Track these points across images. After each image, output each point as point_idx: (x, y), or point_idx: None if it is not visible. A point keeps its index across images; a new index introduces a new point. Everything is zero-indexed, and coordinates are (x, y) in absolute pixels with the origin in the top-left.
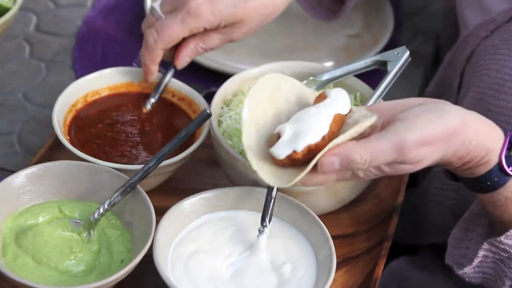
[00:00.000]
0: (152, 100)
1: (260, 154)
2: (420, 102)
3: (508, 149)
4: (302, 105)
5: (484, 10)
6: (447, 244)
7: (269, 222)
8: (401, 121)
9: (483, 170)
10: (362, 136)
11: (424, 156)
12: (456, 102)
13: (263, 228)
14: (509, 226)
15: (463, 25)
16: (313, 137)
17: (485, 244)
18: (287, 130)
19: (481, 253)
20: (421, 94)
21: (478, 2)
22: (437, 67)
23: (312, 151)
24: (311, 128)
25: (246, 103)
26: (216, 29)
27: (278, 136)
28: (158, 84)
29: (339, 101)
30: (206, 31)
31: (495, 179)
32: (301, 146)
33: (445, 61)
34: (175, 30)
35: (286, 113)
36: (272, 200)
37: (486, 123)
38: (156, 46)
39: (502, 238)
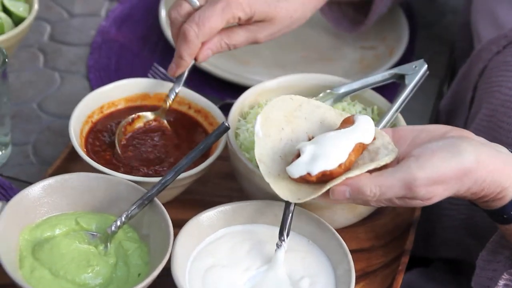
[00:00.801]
0: (176, 90)
1: (274, 168)
2: (443, 132)
3: None
4: (326, 126)
5: (498, 24)
6: (461, 258)
7: (287, 236)
8: (415, 158)
9: (498, 204)
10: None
11: (435, 194)
12: (468, 116)
13: (281, 243)
14: None
15: (477, 39)
16: (330, 164)
17: (505, 274)
18: (307, 151)
19: (501, 282)
20: (435, 106)
21: (492, 17)
22: (453, 79)
23: (326, 176)
24: (330, 154)
25: (259, 119)
26: (244, 25)
27: (298, 154)
28: (180, 76)
29: (364, 130)
30: (231, 28)
31: (511, 212)
32: (316, 171)
33: (459, 74)
34: (216, 21)
35: (305, 131)
36: (290, 215)
37: (503, 159)
38: (197, 40)
39: None
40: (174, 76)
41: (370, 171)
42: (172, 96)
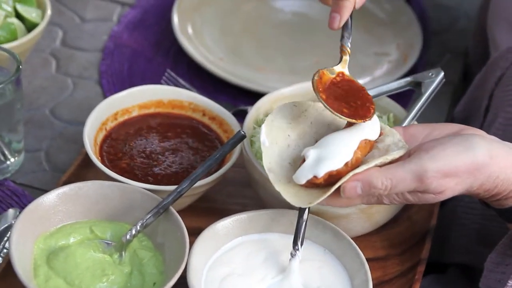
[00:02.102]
0: (349, 43)
1: (284, 175)
2: (456, 130)
3: None
4: (334, 128)
5: None
6: (474, 264)
7: (301, 245)
8: (426, 151)
9: (510, 203)
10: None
11: (447, 187)
12: (482, 123)
13: (295, 252)
14: None
15: (493, 46)
16: (335, 164)
17: None
18: (311, 155)
19: (510, 282)
20: (450, 112)
21: (509, 24)
22: (467, 86)
23: (333, 177)
24: (334, 154)
25: (264, 129)
26: None
27: (304, 160)
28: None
29: (368, 126)
30: None
31: None
32: (321, 172)
33: (474, 81)
34: None
35: (313, 135)
36: (304, 223)
37: None
38: None
39: None
40: (338, 28)
41: (379, 167)
42: (348, 46)
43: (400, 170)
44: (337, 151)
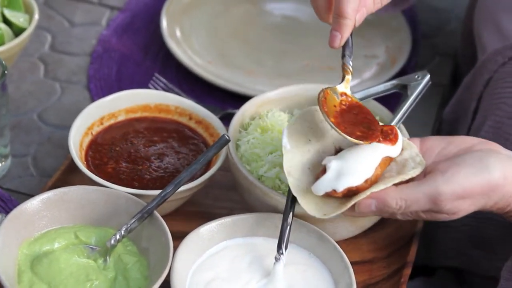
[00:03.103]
0: (350, 61)
1: (303, 180)
2: (472, 144)
3: None
4: None
5: (503, 34)
6: (465, 268)
7: (286, 249)
8: (441, 172)
9: None
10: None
11: (461, 209)
12: (470, 126)
13: (280, 256)
14: None
15: (481, 48)
16: (355, 180)
17: None
18: (333, 166)
19: None
20: (438, 114)
21: (496, 26)
22: (456, 88)
23: (352, 191)
24: (356, 170)
25: (286, 131)
26: None
27: (324, 169)
28: (346, 43)
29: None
30: None
31: None
32: (341, 187)
33: (463, 84)
34: None
35: (332, 141)
36: (288, 227)
37: None
38: None
39: None
40: (339, 47)
41: (396, 184)
42: (350, 65)
43: (415, 191)
44: (358, 168)
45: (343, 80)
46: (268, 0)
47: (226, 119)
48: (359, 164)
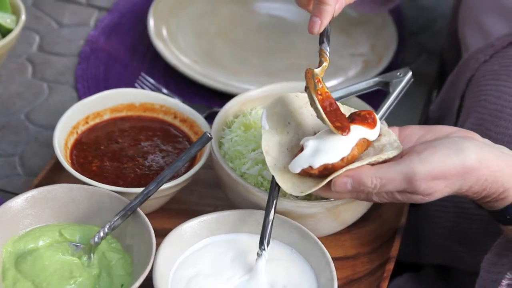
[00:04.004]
0: (328, 48)
1: (280, 160)
2: (449, 132)
3: None
4: None
5: (485, 33)
6: (450, 264)
7: (268, 245)
8: (417, 153)
9: (501, 204)
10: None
11: (436, 190)
12: (455, 123)
13: (262, 252)
14: None
15: (465, 47)
16: (331, 157)
17: (508, 274)
18: (310, 145)
19: (504, 282)
20: (424, 112)
21: (479, 25)
22: (441, 85)
23: (328, 169)
24: (333, 148)
25: (265, 112)
26: None
27: (302, 149)
28: (324, 31)
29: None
30: None
31: None
32: (317, 163)
33: (447, 82)
34: None
35: (312, 126)
36: (270, 223)
37: (506, 160)
38: None
39: None
40: (318, 33)
41: (372, 165)
42: (327, 51)
43: (391, 170)
44: (335, 146)
45: (320, 66)
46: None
47: (212, 118)
48: (336, 142)
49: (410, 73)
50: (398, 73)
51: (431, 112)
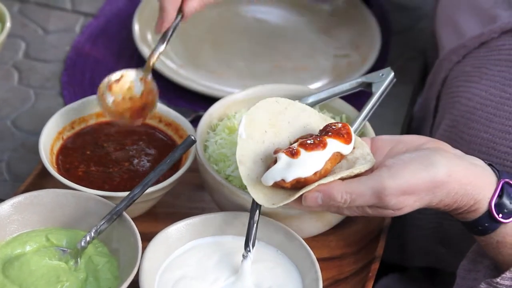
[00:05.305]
0: (160, 49)
1: (254, 170)
2: (420, 143)
3: (500, 196)
4: (309, 130)
5: (459, 33)
6: (434, 266)
7: (253, 246)
8: (388, 168)
9: (473, 216)
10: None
11: (406, 204)
12: (432, 124)
13: (247, 253)
14: (503, 268)
15: (441, 47)
16: (304, 172)
17: (483, 284)
18: (283, 158)
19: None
20: (408, 112)
21: (454, 26)
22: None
23: (301, 182)
24: (306, 162)
25: (244, 121)
26: None
27: (275, 161)
28: (165, 33)
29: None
30: None
31: (486, 224)
32: (290, 177)
33: (426, 83)
34: None
35: (288, 135)
36: (255, 225)
37: (476, 172)
38: None
39: (498, 279)
40: (161, 33)
41: (344, 179)
42: (156, 55)
43: (361, 186)
44: (309, 160)
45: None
46: (239, 3)
47: (198, 121)
48: (309, 157)
49: (392, 74)
50: (381, 74)
51: (415, 112)
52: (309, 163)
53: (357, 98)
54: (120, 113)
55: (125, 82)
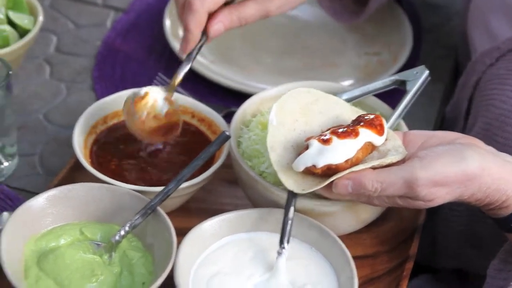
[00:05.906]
0: (185, 69)
1: (285, 157)
2: (453, 138)
3: None
4: (341, 121)
5: (491, 35)
6: (465, 268)
7: (288, 243)
8: (420, 159)
9: (504, 212)
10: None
11: (437, 196)
12: (464, 126)
13: (282, 250)
14: None
15: (472, 49)
16: (336, 158)
17: None
18: (315, 144)
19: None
20: (440, 111)
21: (486, 27)
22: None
23: (332, 169)
24: (338, 149)
25: (274, 108)
26: None
27: (306, 147)
28: (190, 53)
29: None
30: (241, 1)
31: None
32: (321, 163)
33: (458, 84)
34: None
35: (319, 124)
36: (290, 222)
37: (509, 169)
38: (202, 9)
39: None
40: (185, 55)
41: (376, 169)
42: (181, 75)
43: (392, 175)
44: (341, 147)
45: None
46: None
47: (230, 117)
48: (341, 144)
49: (427, 72)
50: (415, 72)
51: (447, 112)
52: (340, 150)
53: (390, 96)
54: (147, 132)
55: (150, 99)
